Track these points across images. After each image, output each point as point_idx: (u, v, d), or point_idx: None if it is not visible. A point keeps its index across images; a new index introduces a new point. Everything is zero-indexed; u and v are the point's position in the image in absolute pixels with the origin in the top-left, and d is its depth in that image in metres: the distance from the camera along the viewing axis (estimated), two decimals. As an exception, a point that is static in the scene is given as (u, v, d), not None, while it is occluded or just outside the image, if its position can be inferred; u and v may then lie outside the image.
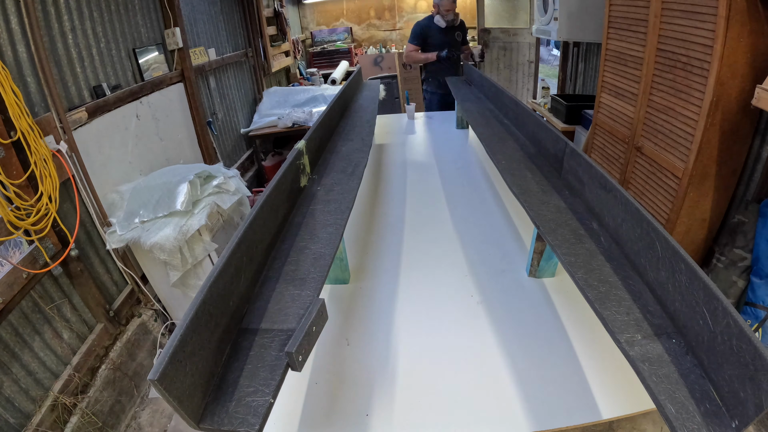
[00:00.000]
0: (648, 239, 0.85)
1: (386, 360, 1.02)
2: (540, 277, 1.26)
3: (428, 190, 1.85)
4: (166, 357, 0.57)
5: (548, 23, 3.18)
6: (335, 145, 1.71)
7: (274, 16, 4.86)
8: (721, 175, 1.91)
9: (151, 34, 2.64)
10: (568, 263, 0.93)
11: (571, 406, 0.88)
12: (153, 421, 1.97)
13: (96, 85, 2.12)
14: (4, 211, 1.45)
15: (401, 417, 0.88)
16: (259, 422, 0.62)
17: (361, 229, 1.58)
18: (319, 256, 1.00)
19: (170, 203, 2.01)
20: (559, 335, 1.05)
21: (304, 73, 5.72)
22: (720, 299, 0.64)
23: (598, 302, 0.83)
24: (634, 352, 0.72)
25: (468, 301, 1.19)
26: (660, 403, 0.64)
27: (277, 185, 1.09)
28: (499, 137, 1.69)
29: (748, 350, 0.58)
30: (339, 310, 1.19)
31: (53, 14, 1.87)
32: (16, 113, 1.50)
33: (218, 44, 3.69)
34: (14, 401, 1.53)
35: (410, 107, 2.91)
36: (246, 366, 0.72)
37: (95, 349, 1.91)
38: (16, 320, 1.57)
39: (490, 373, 0.96)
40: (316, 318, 0.77)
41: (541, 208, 1.15)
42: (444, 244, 1.46)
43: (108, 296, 2.07)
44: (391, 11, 6.21)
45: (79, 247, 1.87)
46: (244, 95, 4.23)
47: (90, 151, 2.01)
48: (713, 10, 1.63)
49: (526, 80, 5.01)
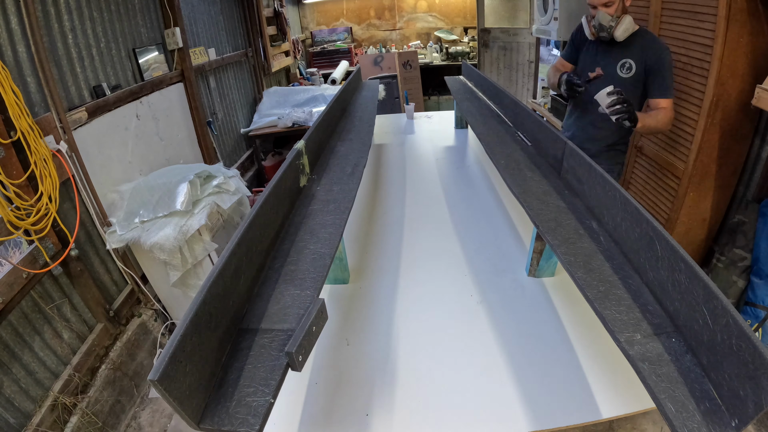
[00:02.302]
0: (647, 239, 0.85)
1: (386, 360, 1.02)
2: (540, 277, 1.26)
3: (428, 189, 1.85)
4: (166, 357, 0.57)
5: (548, 23, 3.18)
6: (335, 145, 1.71)
7: (274, 16, 4.86)
8: (721, 175, 1.91)
9: (151, 34, 2.64)
10: (568, 263, 0.93)
11: (571, 405, 0.88)
12: (153, 421, 1.97)
13: (96, 85, 2.12)
14: (4, 211, 1.45)
15: (401, 417, 0.88)
16: (259, 422, 0.62)
17: (360, 229, 1.58)
18: (319, 256, 1.00)
19: (170, 203, 2.01)
20: (558, 335, 1.05)
21: (304, 73, 5.72)
22: (719, 298, 0.64)
23: (598, 301, 0.82)
24: (633, 351, 0.72)
25: (467, 301, 1.19)
26: (660, 402, 0.64)
27: (277, 185, 1.09)
28: (499, 137, 1.69)
29: (747, 349, 0.58)
30: (339, 310, 1.19)
31: (53, 14, 1.87)
32: (16, 113, 1.50)
33: (218, 44, 3.69)
34: (14, 401, 1.53)
35: (410, 107, 2.91)
36: (246, 366, 0.72)
37: (95, 349, 1.91)
38: (16, 320, 1.57)
39: (490, 373, 0.96)
40: (316, 318, 0.77)
41: (541, 208, 1.15)
42: (443, 243, 1.46)
43: (108, 296, 2.07)
44: (391, 11, 6.21)
45: (79, 247, 1.87)
46: (244, 95, 4.23)
47: (90, 151, 2.01)
48: (713, 10, 1.63)
49: (526, 80, 5.01)
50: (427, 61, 5.81)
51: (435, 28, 6.19)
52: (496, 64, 5.28)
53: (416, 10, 6.17)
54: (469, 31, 6.03)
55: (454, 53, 5.75)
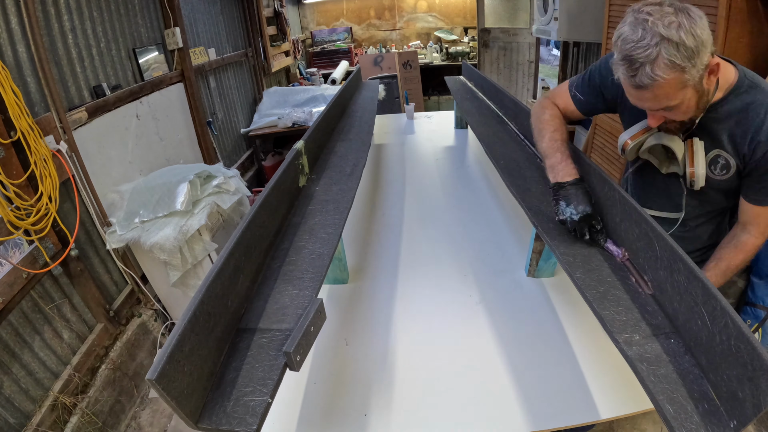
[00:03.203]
0: (646, 239, 0.85)
1: (385, 360, 1.02)
2: (539, 277, 1.26)
3: (427, 190, 1.85)
4: (164, 357, 0.57)
5: (548, 23, 3.17)
6: (334, 145, 1.71)
7: (274, 16, 4.86)
8: (721, 175, 1.90)
9: (151, 34, 2.64)
10: (567, 263, 0.93)
11: (570, 406, 0.88)
12: (153, 421, 1.98)
13: (96, 85, 2.12)
14: (4, 211, 1.45)
15: (400, 417, 0.88)
16: (257, 422, 0.62)
17: (359, 228, 1.58)
18: (318, 255, 1.00)
19: (170, 203, 2.01)
20: (558, 335, 1.05)
21: (304, 73, 5.72)
22: (718, 299, 0.64)
23: (597, 302, 0.82)
24: (632, 351, 0.72)
25: (467, 301, 1.19)
26: (658, 403, 0.64)
27: (276, 185, 1.09)
28: (498, 137, 1.68)
29: (746, 350, 0.58)
30: (337, 310, 1.19)
31: (53, 14, 1.87)
32: (16, 113, 1.50)
33: (218, 44, 3.69)
34: (14, 401, 1.53)
35: (409, 107, 2.91)
36: (244, 366, 0.72)
37: (95, 349, 1.91)
38: (16, 320, 1.58)
39: (489, 373, 0.96)
40: (315, 318, 0.77)
41: (540, 208, 1.14)
42: (443, 243, 1.46)
43: (108, 296, 2.07)
44: (391, 11, 6.21)
45: (79, 247, 1.87)
46: (244, 95, 4.23)
47: (90, 151, 2.01)
48: (713, 10, 1.62)
49: (526, 80, 5.01)
50: (427, 61, 5.81)
51: (435, 28, 6.18)
52: (496, 64, 5.27)
53: (416, 10, 6.16)
54: (469, 31, 6.03)
55: (454, 53, 5.75)
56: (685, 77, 0.79)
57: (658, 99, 0.84)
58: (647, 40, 0.77)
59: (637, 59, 0.79)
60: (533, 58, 4.76)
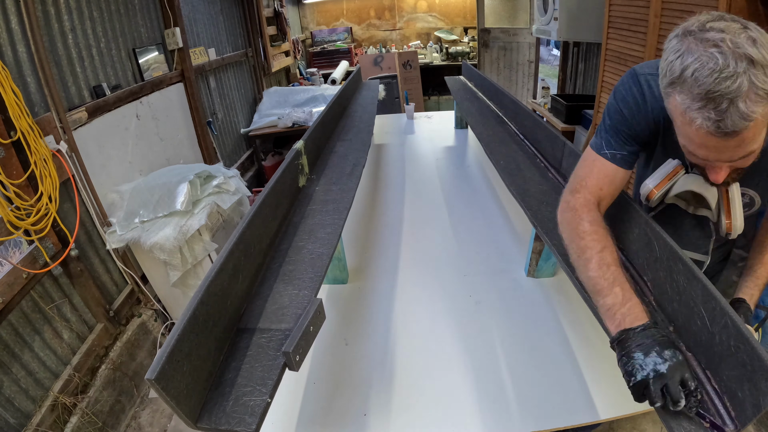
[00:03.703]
0: (646, 239, 0.85)
1: (384, 360, 1.02)
2: (538, 277, 1.26)
3: (427, 190, 1.85)
4: (163, 356, 0.57)
5: (548, 23, 3.17)
6: (334, 145, 1.71)
7: (274, 16, 4.87)
8: (721, 175, 1.90)
9: (151, 34, 2.64)
10: (567, 263, 0.93)
11: (570, 406, 0.88)
12: (153, 421, 1.98)
13: (96, 85, 2.12)
14: (4, 211, 1.45)
15: (399, 417, 0.88)
16: (256, 422, 0.62)
17: (359, 229, 1.58)
18: (318, 256, 1.00)
19: (170, 203, 2.01)
20: (557, 335, 1.05)
21: (304, 73, 5.73)
22: (718, 299, 0.64)
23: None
24: (631, 352, 0.72)
25: (466, 301, 1.19)
26: (657, 403, 0.64)
27: (276, 185, 1.09)
28: (498, 137, 1.68)
29: (745, 351, 0.58)
30: (337, 310, 1.19)
31: (53, 14, 1.87)
32: (16, 113, 1.50)
33: (218, 44, 3.70)
34: (14, 401, 1.53)
35: (409, 107, 2.91)
36: (243, 365, 0.72)
37: (95, 349, 1.91)
38: (16, 320, 1.58)
39: (489, 373, 0.96)
40: (314, 318, 0.77)
41: (540, 208, 1.14)
42: (442, 244, 1.46)
43: (108, 296, 2.07)
44: (391, 11, 6.21)
45: (79, 247, 1.87)
46: (244, 95, 4.23)
47: (90, 151, 2.01)
48: (713, 11, 1.62)
49: (526, 80, 5.01)
50: (427, 61, 5.81)
51: (435, 28, 6.18)
52: (496, 64, 5.27)
53: (416, 10, 6.17)
54: (469, 31, 6.03)
55: (454, 53, 5.75)
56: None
57: (745, 144, 0.62)
58: (732, 67, 0.57)
59: (725, 95, 0.57)
60: (533, 58, 4.76)
